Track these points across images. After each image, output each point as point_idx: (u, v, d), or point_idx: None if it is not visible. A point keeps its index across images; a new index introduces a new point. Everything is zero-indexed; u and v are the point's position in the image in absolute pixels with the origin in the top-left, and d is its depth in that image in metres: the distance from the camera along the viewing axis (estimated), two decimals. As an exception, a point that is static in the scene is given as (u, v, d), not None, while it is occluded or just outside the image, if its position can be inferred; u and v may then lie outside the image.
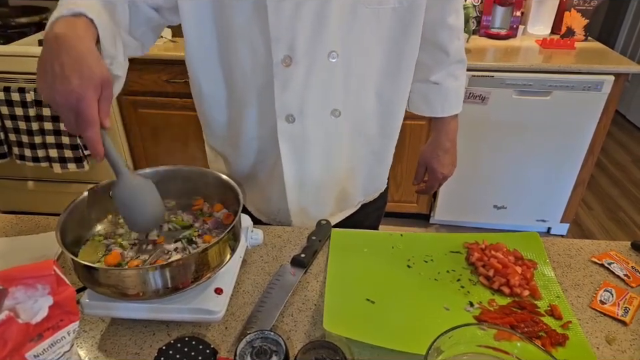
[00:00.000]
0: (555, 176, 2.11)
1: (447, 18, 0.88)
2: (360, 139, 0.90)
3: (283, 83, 0.77)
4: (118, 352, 0.64)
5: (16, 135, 2.01)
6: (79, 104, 0.55)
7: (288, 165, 0.86)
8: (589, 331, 0.68)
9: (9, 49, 1.95)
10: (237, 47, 0.77)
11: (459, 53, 0.94)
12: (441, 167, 1.06)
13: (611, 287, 0.75)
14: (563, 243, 0.86)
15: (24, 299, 0.44)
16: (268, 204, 0.97)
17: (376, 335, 0.64)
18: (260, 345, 0.52)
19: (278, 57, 0.75)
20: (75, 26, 0.58)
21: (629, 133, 3.51)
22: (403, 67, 0.84)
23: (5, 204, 2.36)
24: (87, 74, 0.55)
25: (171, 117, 2.10)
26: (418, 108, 1.01)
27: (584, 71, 1.84)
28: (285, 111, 0.80)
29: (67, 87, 0.54)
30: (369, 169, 0.97)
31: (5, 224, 0.90)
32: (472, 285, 0.75)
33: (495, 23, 2.20)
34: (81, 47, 0.56)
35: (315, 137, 0.84)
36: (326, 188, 0.93)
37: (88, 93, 0.55)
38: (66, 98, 0.54)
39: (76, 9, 0.59)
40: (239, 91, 0.83)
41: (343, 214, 1.01)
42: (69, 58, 0.55)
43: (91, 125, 0.56)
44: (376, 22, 0.77)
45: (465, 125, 2.06)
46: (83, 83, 0.54)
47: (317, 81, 0.78)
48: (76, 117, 0.56)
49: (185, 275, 0.61)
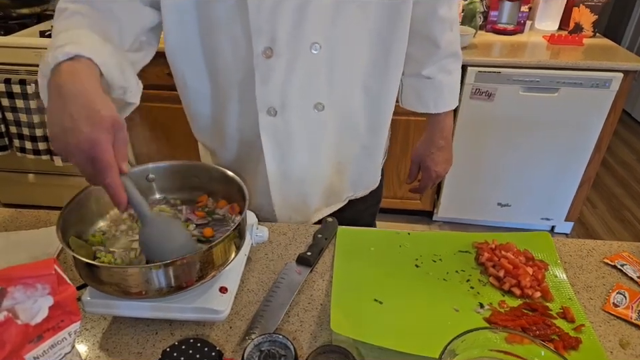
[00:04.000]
0: (561, 174, 2.08)
1: (439, 10, 0.85)
2: (347, 133, 0.88)
3: (263, 75, 0.75)
4: (120, 351, 0.63)
5: (17, 127, 1.99)
6: (93, 150, 0.52)
7: (270, 159, 0.84)
8: (602, 335, 0.67)
9: (9, 40, 1.93)
10: (218, 38, 0.75)
11: (451, 45, 0.91)
12: (435, 164, 1.02)
13: (624, 289, 0.74)
14: (574, 243, 0.85)
15: (23, 299, 0.43)
16: (254, 198, 0.94)
17: (384, 337, 0.62)
18: (268, 349, 0.51)
19: (259, 48, 0.72)
20: (75, 71, 0.56)
21: (634, 131, 3.48)
22: (390, 60, 0.81)
23: (5, 197, 2.35)
24: (96, 119, 0.53)
25: (173, 110, 2.08)
26: (410, 103, 0.98)
27: (592, 67, 1.81)
28: (267, 104, 0.78)
29: (78, 136, 0.52)
30: (358, 163, 0.94)
31: (5, 218, 0.88)
32: (482, 286, 0.74)
33: (502, 18, 2.17)
34: (85, 93, 0.54)
35: (297, 131, 0.82)
36: (311, 182, 0.90)
37: (100, 137, 0.52)
38: (79, 147, 0.52)
39: (72, 51, 0.56)
40: (222, 83, 0.81)
41: (330, 209, 0.98)
42: (76, 106, 0.53)
43: (108, 170, 0.53)
44: (361, 13, 0.74)
45: (470, 121, 2.06)
46: (94, 128, 0.52)
47: (299, 73, 0.76)
48: (92, 165, 0.54)
49: (190, 273, 0.59)
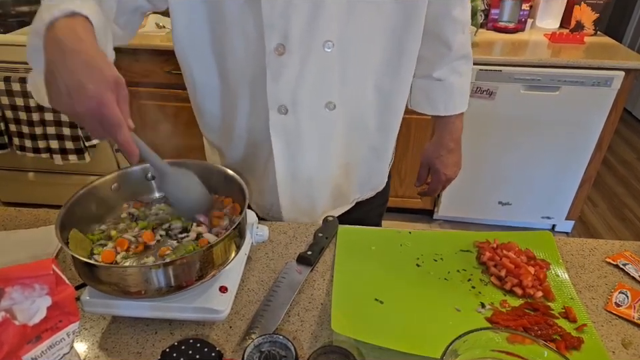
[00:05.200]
0: (562, 172, 2.08)
1: (452, 10, 0.85)
2: (357, 133, 0.87)
3: (275, 72, 0.74)
4: (119, 351, 0.62)
5: (16, 125, 1.98)
6: (101, 109, 0.52)
7: (280, 158, 0.84)
8: (604, 334, 0.66)
9: (9, 38, 1.92)
10: (229, 34, 0.74)
11: (463, 47, 0.90)
12: (444, 167, 1.01)
13: (626, 288, 0.73)
14: (576, 242, 0.84)
15: (21, 300, 0.43)
16: (261, 198, 0.94)
17: (386, 337, 0.62)
18: (268, 350, 0.50)
19: (271, 45, 0.72)
20: (74, 27, 0.54)
21: (635, 130, 3.47)
22: (404, 59, 0.81)
23: (5, 195, 2.34)
24: (100, 77, 0.52)
25: (172, 108, 2.07)
26: (420, 105, 0.97)
27: (594, 66, 1.81)
28: (277, 102, 0.77)
29: (84, 94, 0.51)
30: (367, 164, 0.94)
31: (4, 217, 0.88)
32: (483, 286, 0.73)
33: (503, 16, 2.16)
34: (86, 49, 0.53)
35: (308, 130, 0.81)
36: (319, 183, 0.89)
37: (107, 95, 0.52)
38: (86, 106, 0.51)
39: (69, 8, 0.55)
40: (232, 80, 0.80)
41: (337, 211, 0.97)
42: (78, 63, 0.52)
43: (119, 127, 0.53)
44: (376, 10, 0.74)
45: (471, 120, 2.03)
46: (99, 86, 0.51)
47: (311, 71, 0.75)
48: (100, 123, 0.53)
49: (189, 273, 0.59)
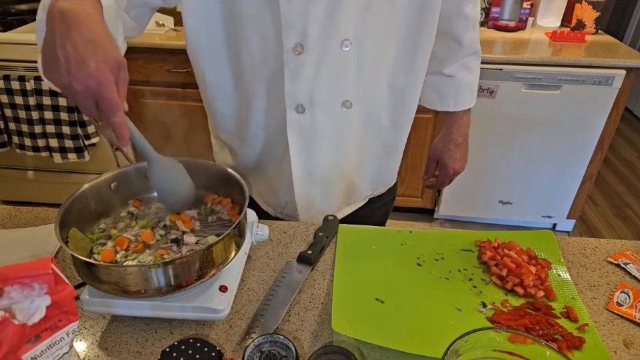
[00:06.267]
0: (563, 172, 2.08)
1: (464, 8, 0.86)
2: (371, 131, 0.88)
3: (293, 71, 0.74)
4: (119, 350, 0.62)
5: (16, 124, 1.98)
6: (100, 89, 0.50)
7: (296, 156, 0.84)
8: (605, 334, 0.66)
9: (8, 37, 1.91)
10: (245, 34, 0.74)
11: (473, 43, 0.92)
12: (453, 161, 1.04)
13: (627, 288, 0.73)
14: (577, 242, 0.84)
15: (20, 299, 0.42)
16: (275, 197, 0.94)
17: (386, 337, 0.62)
18: (269, 350, 0.50)
19: (289, 44, 0.72)
20: (82, 3, 0.53)
21: (636, 129, 3.47)
22: (417, 58, 0.81)
23: (4, 193, 2.34)
24: (103, 56, 0.50)
25: (173, 107, 2.07)
26: (429, 101, 0.99)
27: (595, 64, 1.80)
28: (295, 101, 0.77)
29: (84, 71, 0.49)
30: (379, 162, 0.95)
31: (4, 215, 0.88)
32: (484, 285, 0.73)
33: (504, 14, 2.16)
34: (92, 25, 0.51)
35: (324, 128, 0.82)
36: (334, 181, 0.90)
37: (107, 76, 0.50)
38: (85, 84, 0.50)
39: None
40: (247, 80, 0.80)
41: (350, 208, 0.98)
42: (82, 38, 0.50)
43: (116, 110, 0.52)
44: (391, 10, 0.74)
45: (472, 118, 2.03)
46: (101, 65, 0.50)
47: (328, 70, 0.75)
48: (97, 103, 0.52)
49: (189, 272, 0.58)
